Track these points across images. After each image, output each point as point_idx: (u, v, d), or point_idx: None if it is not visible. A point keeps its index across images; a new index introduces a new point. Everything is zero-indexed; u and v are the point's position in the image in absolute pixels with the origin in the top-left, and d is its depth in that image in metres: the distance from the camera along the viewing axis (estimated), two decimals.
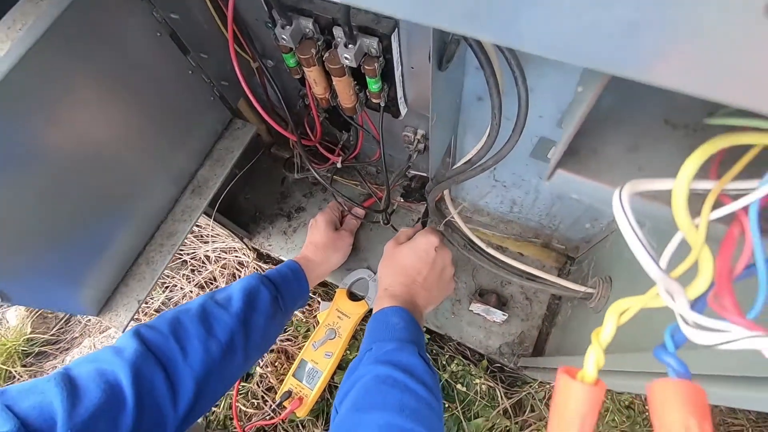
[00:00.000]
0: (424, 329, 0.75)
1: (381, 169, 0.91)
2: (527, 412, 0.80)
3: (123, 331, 0.59)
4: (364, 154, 0.81)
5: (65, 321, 1.03)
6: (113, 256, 0.58)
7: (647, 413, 0.81)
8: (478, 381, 0.82)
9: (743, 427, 0.80)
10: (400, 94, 0.56)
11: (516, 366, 0.77)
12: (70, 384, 0.44)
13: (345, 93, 0.55)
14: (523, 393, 0.81)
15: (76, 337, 1.02)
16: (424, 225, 0.81)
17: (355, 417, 0.47)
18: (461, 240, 0.71)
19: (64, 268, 0.52)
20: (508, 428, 0.80)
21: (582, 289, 0.60)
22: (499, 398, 0.81)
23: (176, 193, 0.64)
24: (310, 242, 0.79)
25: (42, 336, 0.99)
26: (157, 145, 0.57)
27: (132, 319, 0.60)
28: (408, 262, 0.67)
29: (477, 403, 0.81)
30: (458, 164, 0.56)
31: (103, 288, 0.59)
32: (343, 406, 0.51)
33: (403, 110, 0.59)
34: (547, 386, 0.82)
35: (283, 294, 0.67)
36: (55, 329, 1.01)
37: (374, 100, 0.56)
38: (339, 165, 0.70)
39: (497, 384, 0.81)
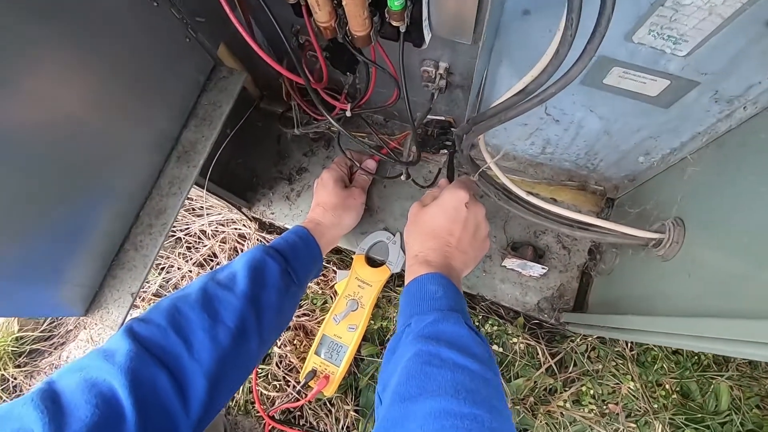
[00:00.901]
0: None
1: (391, 117, 0.80)
2: (571, 368, 0.75)
3: (118, 329, 0.50)
4: (372, 101, 0.70)
5: None
6: (93, 245, 0.48)
7: (696, 357, 0.77)
8: (515, 340, 0.76)
9: None
10: (425, 13, 0.45)
11: (558, 322, 0.71)
12: (53, 403, 0.36)
13: (357, 16, 0.44)
14: (564, 348, 0.76)
15: (71, 330, 0.94)
16: (450, 181, 0.71)
17: (401, 408, 0.39)
18: (494, 190, 0.62)
19: (33, 265, 0.42)
20: (552, 386, 0.75)
21: (647, 235, 0.52)
22: (540, 356, 0.75)
23: (159, 162, 0.53)
24: (318, 204, 0.70)
25: (32, 333, 0.90)
26: (127, 105, 0.46)
27: (127, 315, 0.51)
28: (437, 223, 0.58)
29: (516, 363, 0.75)
30: (502, 99, 0.46)
31: (87, 283, 0.50)
32: (386, 396, 0.43)
33: (427, 36, 0.48)
34: (589, 339, 0.76)
35: (294, 264, 0.59)
36: (46, 324, 0.92)
37: (394, 23, 0.45)
38: (349, 113, 0.59)
39: (538, 342, 0.75)
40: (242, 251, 0.85)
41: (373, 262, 0.77)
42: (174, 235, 0.89)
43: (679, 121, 0.52)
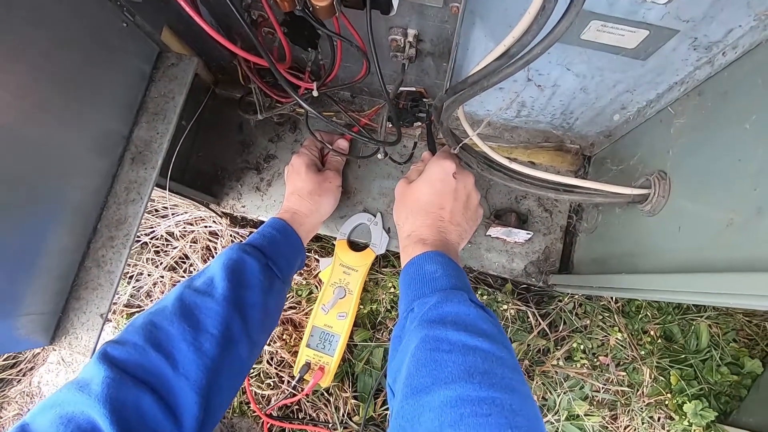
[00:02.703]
0: None
1: (360, 92, 0.75)
2: (561, 327, 0.77)
3: (92, 356, 0.45)
4: (339, 77, 0.65)
5: None
6: (46, 267, 0.43)
7: (676, 304, 0.80)
8: (506, 307, 0.76)
9: None
10: None
11: (546, 284, 0.72)
12: None
13: None
14: (554, 309, 0.77)
15: (38, 353, 0.87)
16: (432, 152, 0.68)
17: (415, 402, 0.38)
18: (475, 159, 0.60)
19: None
20: (545, 346, 0.76)
21: (633, 191, 0.51)
22: (531, 319, 0.76)
23: (111, 166, 0.47)
24: (292, 192, 0.66)
25: None
26: (61, 106, 0.40)
27: (99, 338, 0.46)
28: (426, 197, 0.56)
29: (509, 329, 0.76)
30: (482, 64, 0.43)
31: (47, 309, 0.45)
32: (398, 389, 0.42)
33: (395, 1, 0.44)
34: (576, 297, 0.77)
35: (274, 259, 0.56)
36: None
37: None
38: (315, 92, 0.55)
39: (528, 306, 0.75)
40: (216, 249, 0.81)
41: (356, 246, 0.74)
42: (139, 241, 0.82)
43: (656, 73, 0.51)
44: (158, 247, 0.83)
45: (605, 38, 0.47)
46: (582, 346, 0.77)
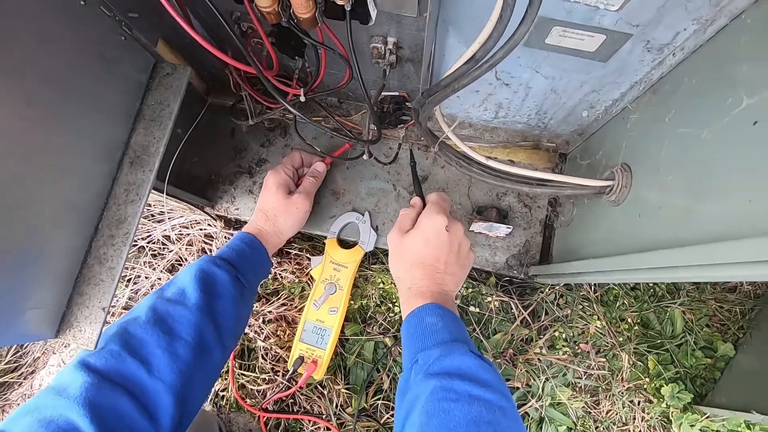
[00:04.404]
0: None
1: (346, 98, 0.79)
2: (543, 317, 0.80)
3: (95, 347, 0.48)
4: (325, 84, 0.69)
5: (18, 344, 0.89)
6: (52, 265, 0.46)
7: (652, 290, 0.84)
8: (490, 299, 0.80)
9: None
10: None
11: (528, 276, 0.75)
12: None
13: None
14: (535, 300, 0.80)
15: (38, 357, 0.89)
16: (416, 183, 0.73)
17: None
18: (455, 159, 0.64)
19: None
20: (527, 336, 0.80)
21: (598, 183, 0.55)
22: (514, 310, 0.80)
23: (111, 170, 0.51)
24: (260, 209, 0.69)
25: None
26: (66, 115, 0.43)
27: (101, 330, 0.49)
28: (422, 252, 0.58)
29: (493, 320, 0.79)
30: (453, 68, 0.47)
31: (53, 304, 0.47)
32: None
33: (373, 12, 0.48)
34: (557, 288, 0.81)
35: (243, 271, 0.59)
36: (10, 355, 0.88)
37: (339, 2, 0.44)
38: (303, 98, 0.59)
39: (510, 297, 0.79)
40: (211, 251, 0.84)
41: (345, 244, 0.78)
42: (136, 245, 0.85)
43: (617, 73, 0.55)
44: (155, 250, 0.86)
45: (567, 42, 0.51)
46: (563, 335, 0.80)
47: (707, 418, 0.77)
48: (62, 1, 0.40)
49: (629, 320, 0.82)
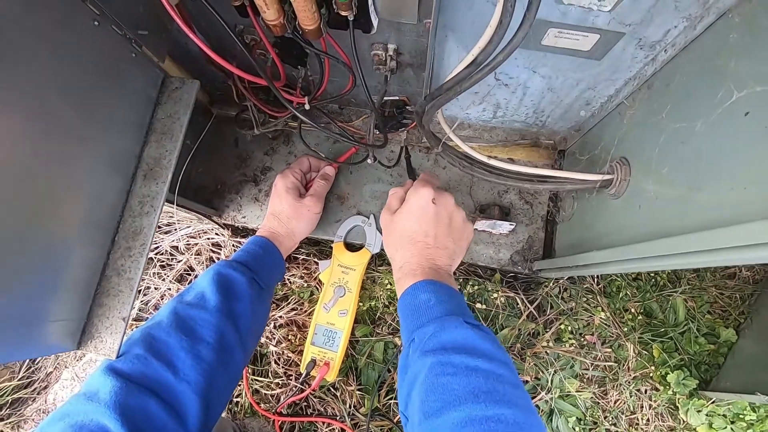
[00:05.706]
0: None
1: (347, 104, 0.81)
2: (548, 311, 0.82)
3: (116, 356, 0.50)
4: (328, 91, 0.71)
5: (31, 359, 0.90)
6: (72, 278, 0.48)
7: (654, 280, 0.86)
8: (495, 295, 0.81)
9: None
10: None
11: (532, 271, 0.77)
12: None
13: (306, 11, 0.45)
14: (540, 294, 0.82)
15: (51, 372, 0.90)
16: (410, 168, 0.74)
17: (429, 425, 0.40)
18: (458, 159, 0.66)
19: (10, 312, 0.41)
20: (534, 330, 0.81)
21: (599, 177, 0.57)
22: (520, 305, 0.81)
23: (125, 183, 0.52)
24: (272, 213, 0.70)
25: (9, 383, 0.86)
26: (81, 131, 0.45)
27: (122, 340, 0.50)
28: (410, 228, 0.57)
29: (500, 316, 0.81)
30: (454, 72, 0.48)
31: (74, 316, 0.49)
32: (411, 414, 0.45)
33: (374, 21, 0.50)
34: (561, 281, 0.83)
35: (259, 273, 0.61)
36: (23, 371, 0.88)
37: (342, 13, 0.46)
38: (307, 106, 0.60)
39: (516, 293, 0.81)
40: (219, 259, 0.85)
41: (352, 247, 0.79)
42: None
43: (611, 70, 0.57)
44: (163, 261, 0.87)
45: (563, 43, 0.53)
46: (569, 327, 0.82)
47: (713, 403, 0.78)
48: (77, 21, 0.42)
49: (633, 310, 0.84)
